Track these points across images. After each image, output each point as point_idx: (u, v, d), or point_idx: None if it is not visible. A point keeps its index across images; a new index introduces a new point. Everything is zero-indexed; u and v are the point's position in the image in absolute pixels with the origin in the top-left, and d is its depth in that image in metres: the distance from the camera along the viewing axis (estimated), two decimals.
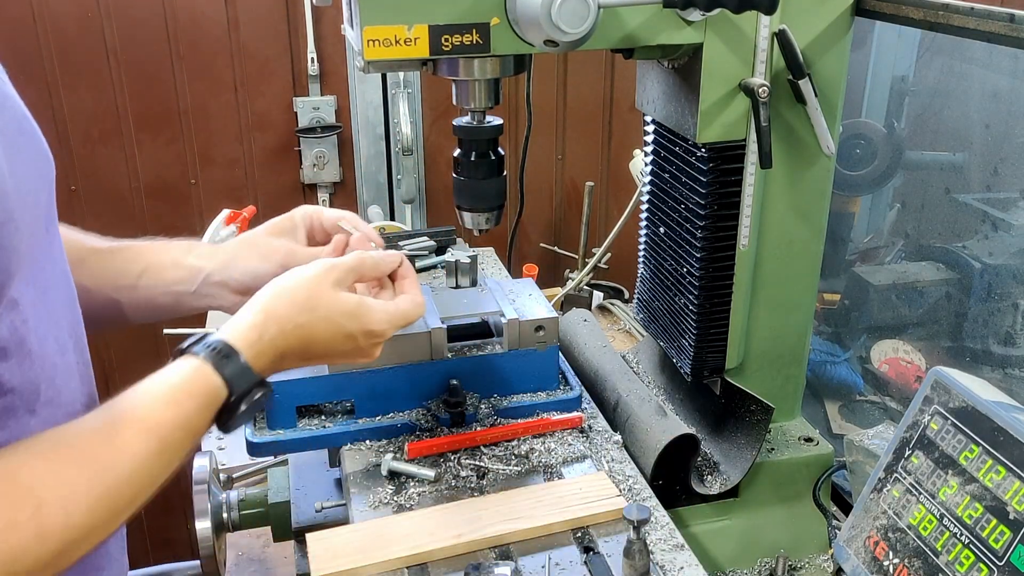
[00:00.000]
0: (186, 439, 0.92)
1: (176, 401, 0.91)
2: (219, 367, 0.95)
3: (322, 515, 1.45)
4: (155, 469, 0.89)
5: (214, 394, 0.94)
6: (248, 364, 0.97)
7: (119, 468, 0.85)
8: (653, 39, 1.27)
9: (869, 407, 1.99)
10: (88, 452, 0.84)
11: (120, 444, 0.86)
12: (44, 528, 0.77)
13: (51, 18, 2.62)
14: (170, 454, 0.90)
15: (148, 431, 0.88)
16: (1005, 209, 1.78)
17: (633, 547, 1.14)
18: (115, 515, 0.85)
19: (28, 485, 0.78)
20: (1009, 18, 1.17)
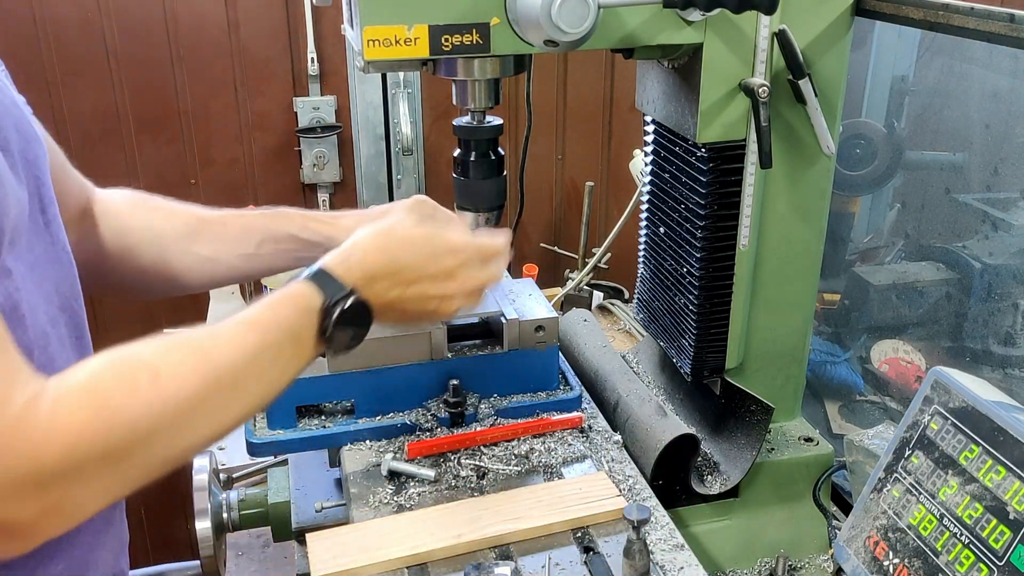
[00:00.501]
0: (286, 340, 0.99)
1: (274, 305, 1.00)
2: (310, 278, 1.03)
3: (322, 515, 1.45)
4: (257, 362, 0.96)
5: (308, 298, 1.01)
6: (337, 276, 1.04)
7: (224, 355, 0.93)
8: (653, 39, 1.27)
9: (869, 407, 1.99)
10: (195, 341, 0.93)
11: (224, 336, 0.95)
12: (162, 394, 0.86)
13: (51, 19, 2.62)
14: (272, 351, 0.97)
15: (248, 325, 0.97)
16: (1005, 209, 1.78)
17: (633, 547, 1.14)
18: (223, 400, 0.93)
19: (146, 360, 0.87)
20: (1009, 18, 1.17)
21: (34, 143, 1.01)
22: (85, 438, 0.81)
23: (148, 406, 0.85)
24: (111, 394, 0.84)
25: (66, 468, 0.80)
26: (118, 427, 0.83)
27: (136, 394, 0.85)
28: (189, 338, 0.93)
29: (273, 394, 1.00)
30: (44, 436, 0.79)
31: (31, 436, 0.79)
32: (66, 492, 0.82)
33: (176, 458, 0.91)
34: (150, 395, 0.86)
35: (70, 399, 0.82)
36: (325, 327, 1.01)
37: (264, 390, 0.99)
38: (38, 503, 0.80)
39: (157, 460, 0.88)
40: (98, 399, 0.83)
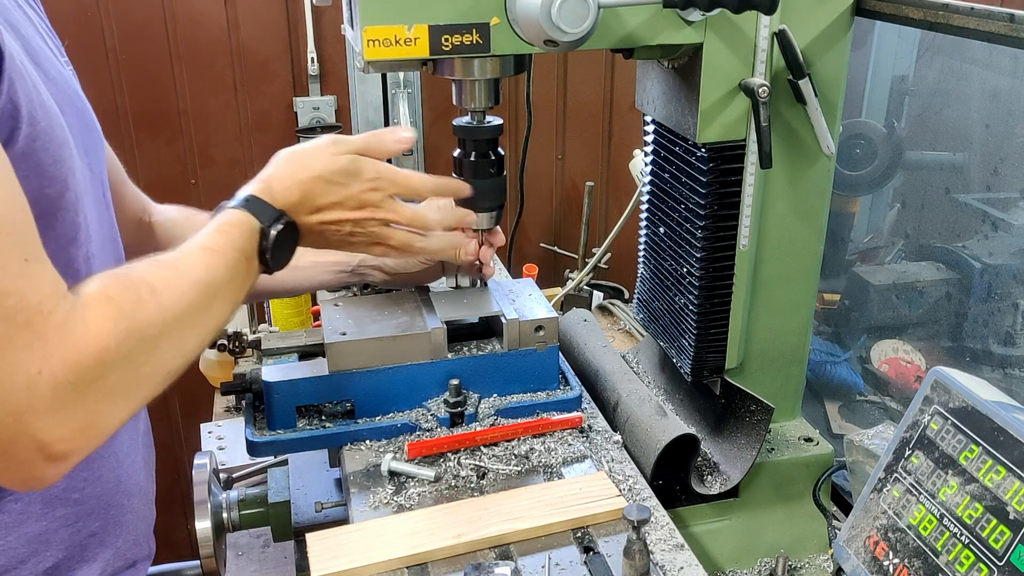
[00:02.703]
0: (240, 259, 1.09)
1: (223, 229, 1.09)
2: (243, 205, 1.13)
3: (322, 515, 1.45)
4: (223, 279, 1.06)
5: (249, 222, 1.11)
6: (267, 201, 1.14)
7: (198, 274, 1.02)
8: (653, 39, 1.27)
9: (869, 407, 1.99)
10: (173, 263, 1.02)
11: (192, 259, 1.04)
12: (162, 305, 0.95)
13: (50, 18, 2.61)
14: (232, 270, 1.07)
15: (210, 250, 1.06)
16: (1005, 209, 1.78)
17: (633, 547, 1.14)
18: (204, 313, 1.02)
19: (140, 277, 0.96)
20: (1009, 18, 1.17)
21: (94, 133, 1.12)
22: (112, 344, 0.88)
23: (153, 314, 0.94)
24: (123, 304, 0.91)
25: (97, 374, 0.87)
26: (134, 332, 0.91)
27: (142, 304, 0.93)
28: (165, 261, 1.02)
29: (234, 309, 1.11)
30: (81, 341, 0.86)
31: (72, 342, 0.85)
32: (97, 402, 0.88)
33: (174, 367, 0.99)
34: (153, 306, 0.94)
35: (95, 309, 0.89)
36: (264, 248, 1.11)
37: (229, 305, 1.09)
38: (74, 416, 0.86)
39: (162, 368, 0.96)
40: (115, 308, 0.90)
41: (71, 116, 1.05)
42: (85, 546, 1.10)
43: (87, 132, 1.12)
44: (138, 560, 1.20)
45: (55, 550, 1.07)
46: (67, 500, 1.08)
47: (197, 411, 2.14)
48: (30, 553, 1.05)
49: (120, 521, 1.15)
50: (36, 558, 1.05)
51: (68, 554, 1.08)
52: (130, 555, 1.18)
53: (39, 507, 1.05)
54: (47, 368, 0.83)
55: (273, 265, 1.13)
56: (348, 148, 1.20)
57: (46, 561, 1.06)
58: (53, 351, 0.84)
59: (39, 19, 1.15)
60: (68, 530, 1.08)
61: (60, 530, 1.07)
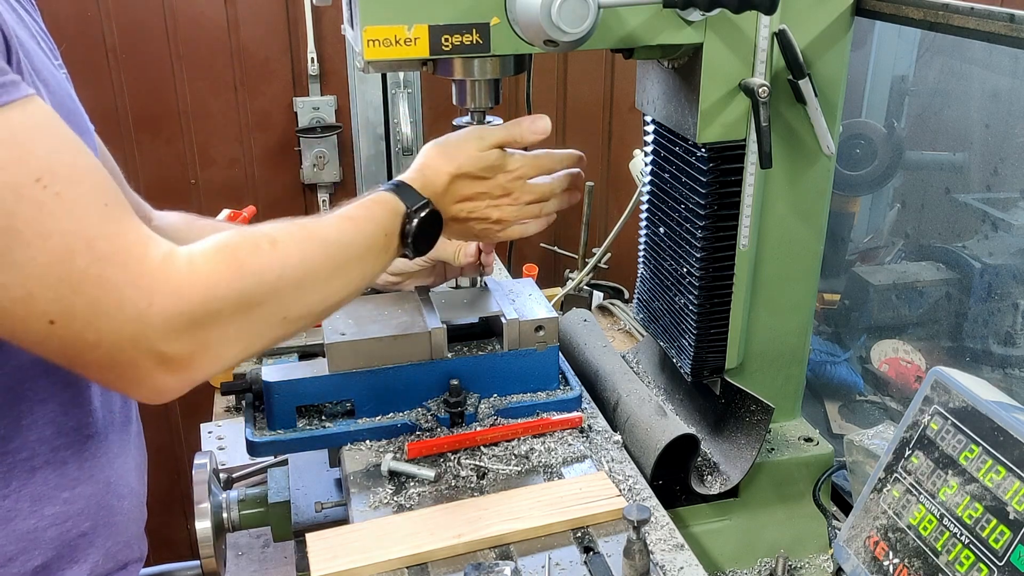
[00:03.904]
0: (378, 233, 1.13)
1: (366, 204, 1.15)
2: (393, 189, 1.19)
3: (322, 515, 1.45)
4: (355, 246, 1.11)
5: (394, 203, 1.17)
6: (416, 188, 1.20)
7: (328, 236, 1.08)
8: (653, 39, 1.27)
9: (869, 407, 1.99)
10: (303, 223, 1.07)
11: (327, 222, 1.10)
12: (281, 255, 1.00)
13: (50, 17, 2.61)
14: (367, 240, 1.12)
15: (347, 218, 1.12)
16: (1005, 209, 1.78)
17: (633, 547, 1.14)
18: (329, 273, 1.07)
19: (265, 231, 1.02)
20: (1009, 18, 1.17)
21: (86, 136, 1.11)
22: (222, 283, 0.93)
23: (271, 263, 0.98)
24: (238, 252, 0.96)
25: (208, 309, 0.91)
26: (249, 276, 0.96)
27: (259, 253, 0.98)
28: (298, 221, 1.07)
29: (366, 280, 1.15)
30: (187, 280, 0.90)
31: (176, 281, 0.89)
32: (211, 331, 0.92)
33: (295, 318, 1.03)
34: (271, 255, 0.99)
35: (204, 255, 0.94)
36: (407, 232, 1.16)
37: (360, 273, 1.12)
38: (190, 340, 0.90)
39: (279, 315, 1.00)
40: (228, 255, 0.95)
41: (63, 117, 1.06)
42: (75, 546, 1.10)
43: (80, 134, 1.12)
44: (129, 562, 1.20)
45: (44, 549, 1.07)
46: (56, 499, 1.08)
47: (197, 411, 2.14)
48: (18, 551, 1.04)
49: (110, 522, 1.15)
50: (24, 556, 1.05)
51: (58, 553, 1.08)
52: (121, 557, 1.18)
53: (28, 504, 1.05)
54: (156, 301, 0.87)
55: (414, 250, 1.17)
56: (493, 142, 1.25)
57: (35, 560, 1.06)
58: (158, 286, 0.88)
59: (33, 22, 1.15)
60: (57, 529, 1.08)
61: (49, 529, 1.07)
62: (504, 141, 1.26)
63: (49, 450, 1.06)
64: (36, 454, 1.05)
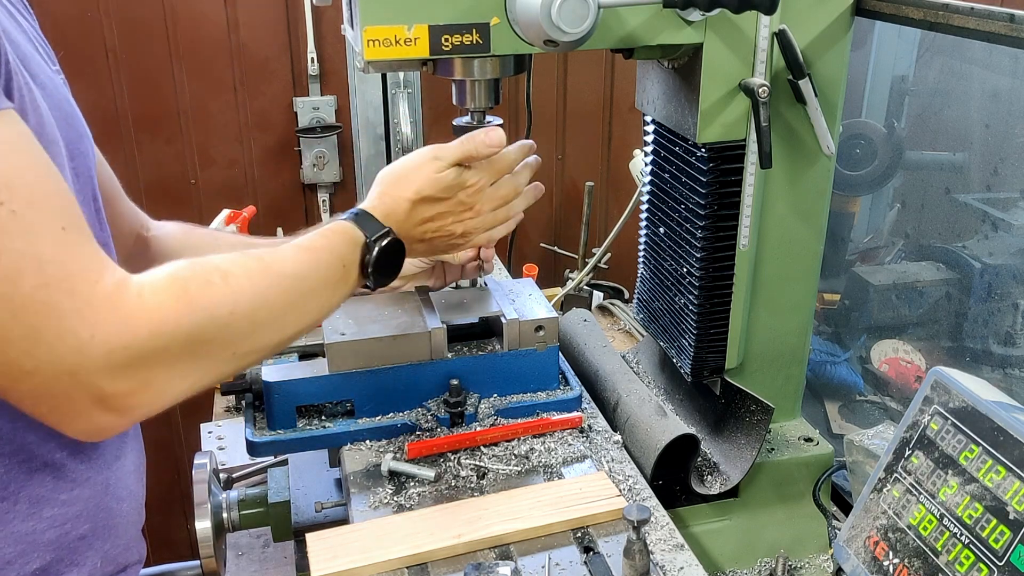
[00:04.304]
0: (336, 263, 1.11)
1: (325, 234, 1.13)
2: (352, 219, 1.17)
3: (322, 515, 1.45)
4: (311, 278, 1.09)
5: (353, 232, 1.15)
6: (376, 217, 1.18)
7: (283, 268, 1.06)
8: (653, 39, 1.27)
9: (869, 407, 1.99)
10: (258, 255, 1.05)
11: (282, 254, 1.08)
12: (233, 290, 0.97)
13: (50, 17, 2.62)
14: (324, 272, 1.10)
15: (303, 248, 1.10)
16: (1005, 209, 1.78)
17: (633, 547, 1.14)
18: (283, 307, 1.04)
19: (217, 264, 0.99)
20: (1009, 18, 1.17)
21: (84, 139, 1.11)
22: (170, 319, 0.90)
23: (223, 298, 0.96)
24: (189, 286, 0.94)
25: (155, 345, 0.89)
26: (198, 312, 0.93)
27: (211, 287, 0.96)
28: (253, 254, 1.05)
29: (323, 313, 1.13)
30: (135, 312, 0.88)
31: (123, 312, 0.87)
32: (155, 370, 0.90)
33: (244, 354, 1.01)
34: (223, 290, 0.97)
35: (155, 287, 0.92)
36: (367, 262, 1.14)
37: (316, 306, 1.10)
38: (131, 378, 0.88)
39: (228, 351, 0.99)
40: (179, 288, 0.93)
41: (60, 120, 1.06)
42: (74, 549, 1.10)
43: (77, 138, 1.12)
44: (128, 565, 1.20)
45: (42, 552, 1.07)
46: (55, 501, 1.07)
47: (197, 411, 2.14)
48: (17, 554, 1.04)
49: (109, 524, 1.15)
50: (23, 559, 1.05)
51: (56, 556, 1.08)
52: (120, 560, 1.18)
53: (26, 506, 1.05)
54: (99, 333, 0.85)
55: (375, 280, 1.16)
56: (449, 161, 1.23)
57: (33, 563, 1.06)
58: (104, 317, 0.86)
59: (31, 27, 1.15)
60: (56, 532, 1.08)
61: (48, 531, 1.07)
62: (459, 159, 1.24)
63: (47, 452, 1.06)
64: (34, 456, 1.05)
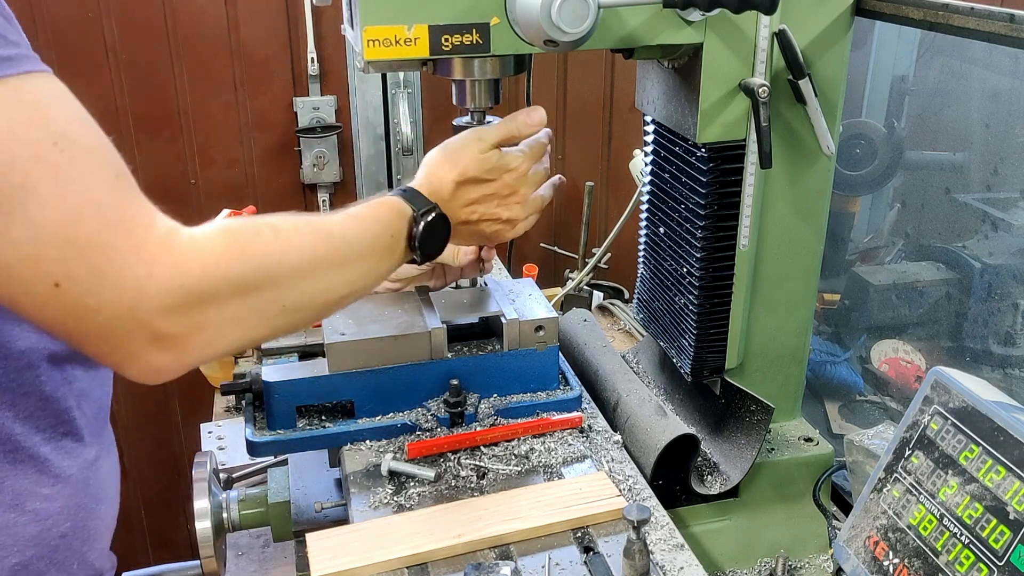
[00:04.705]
0: (383, 233, 1.14)
1: (373, 205, 1.16)
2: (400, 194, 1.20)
3: (322, 515, 1.45)
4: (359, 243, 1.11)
5: (401, 206, 1.17)
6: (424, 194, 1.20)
7: (332, 230, 1.08)
8: (653, 39, 1.27)
9: (869, 407, 1.99)
10: (308, 217, 1.07)
11: (332, 218, 1.11)
12: (282, 243, 1.00)
13: (50, 17, 2.62)
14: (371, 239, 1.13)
15: (352, 216, 1.12)
16: (1005, 209, 1.78)
17: (633, 547, 1.14)
18: (332, 266, 1.07)
19: (268, 220, 1.02)
20: (1009, 18, 1.17)
21: None
22: (222, 264, 0.93)
23: (272, 249, 0.99)
24: (240, 235, 0.97)
25: (207, 288, 0.92)
26: (248, 259, 0.96)
27: (261, 238, 0.99)
28: (303, 215, 1.07)
29: (370, 279, 1.15)
30: (187, 256, 0.91)
31: (177, 255, 0.90)
32: (208, 312, 0.93)
33: (293, 308, 1.03)
34: (273, 242, 1.00)
35: (205, 235, 0.94)
36: (413, 234, 1.16)
37: (363, 271, 1.12)
38: (186, 318, 0.91)
39: (278, 303, 1.00)
40: (230, 237, 0.96)
41: None
42: (55, 548, 1.10)
43: None
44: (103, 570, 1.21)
45: (23, 547, 1.07)
46: (37, 495, 1.08)
47: (197, 411, 2.14)
48: None
49: (88, 527, 1.15)
50: (3, 552, 1.05)
51: (37, 553, 1.08)
52: (97, 565, 1.19)
53: (9, 497, 1.05)
54: (155, 271, 0.88)
55: (422, 253, 1.18)
56: (492, 142, 1.26)
57: (13, 556, 1.06)
58: (159, 258, 0.89)
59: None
60: (38, 527, 1.08)
61: (29, 525, 1.07)
62: (503, 139, 1.27)
63: (32, 445, 1.06)
64: (19, 447, 1.05)
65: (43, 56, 0.94)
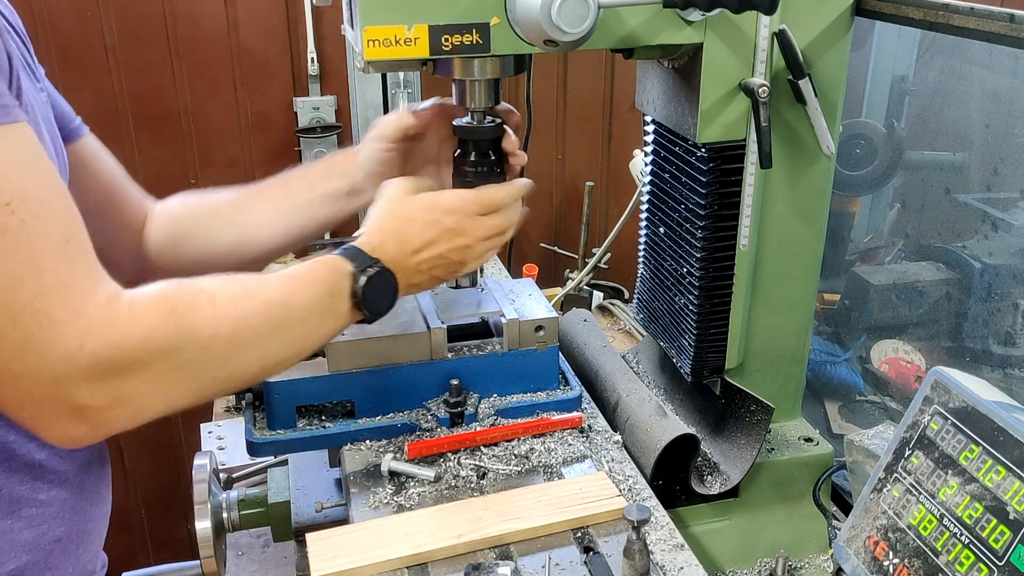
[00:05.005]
0: (323, 293, 1.12)
1: (311, 265, 1.13)
2: (340, 252, 1.17)
3: (322, 515, 1.45)
4: (297, 307, 1.09)
5: (340, 264, 1.15)
6: (364, 251, 1.17)
7: (268, 295, 1.06)
8: (653, 39, 1.27)
9: (869, 407, 1.99)
10: (243, 281, 1.06)
11: (268, 281, 1.08)
12: (218, 313, 0.99)
13: (50, 17, 2.62)
14: (310, 301, 1.10)
15: (289, 277, 1.10)
16: (1005, 209, 1.78)
17: (633, 547, 1.14)
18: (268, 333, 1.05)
19: (204, 286, 1.00)
20: (1009, 18, 1.17)
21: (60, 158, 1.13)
22: (158, 334, 0.92)
23: (207, 319, 0.98)
24: (177, 304, 0.96)
25: (140, 359, 0.91)
26: (184, 331, 0.95)
27: (198, 308, 0.97)
28: (236, 278, 1.06)
29: (310, 343, 1.13)
30: (125, 326, 0.90)
31: (114, 324, 0.89)
32: (137, 384, 0.92)
33: (225, 378, 1.02)
34: (209, 312, 0.98)
35: (145, 302, 0.94)
36: (355, 291, 1.14)
37: (301, 335, 1.10)
38: (110, 391, 0.90)
39: (209, 374, 1.00)
40: (167, 305, 0.95)
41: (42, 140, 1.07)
42: (50, 552, 1.11)
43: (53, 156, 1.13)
44: (94, 571, 1.21)
45: (19, 552, 1.07)
46: (33, 500, 1.08)
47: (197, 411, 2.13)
48: None
49: (82, 530, 1.16)
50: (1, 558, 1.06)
51: (33, 558, 1.09)
52: (89, 567, 1.19)
53: (6, 504, 1.05)
54: (88, 344, 0.87)
55: (369, 311, 1.16)
56: (419, 187, 1.26)
57: (9, 563, 1.06)
58: (95, 329, 0.88)
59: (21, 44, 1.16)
60: (33, 532, 1.08)
61: (25, 531, 1.07)
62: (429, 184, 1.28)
63: (27, 452, 1.07)
64: (15, 455, 1.06)
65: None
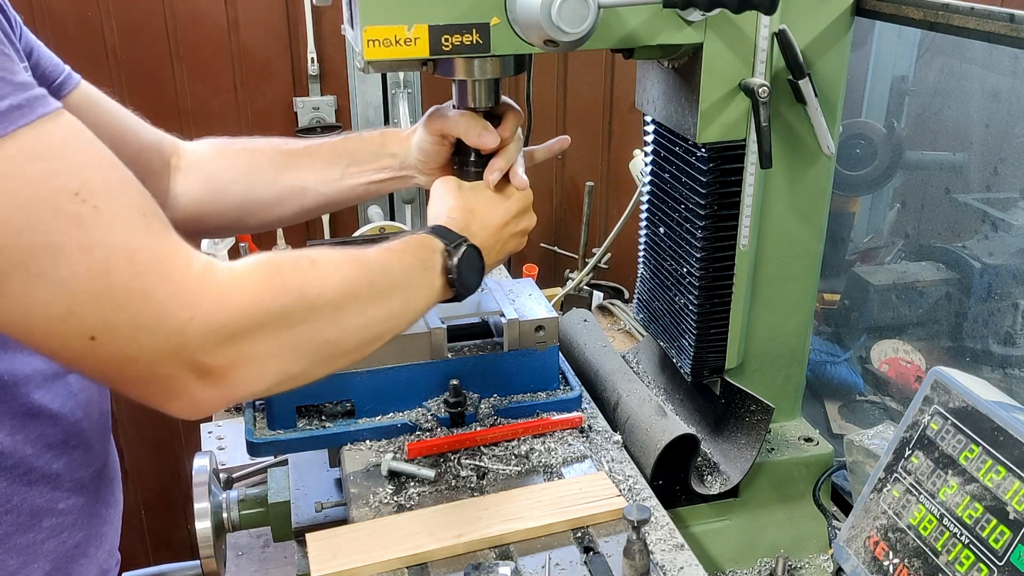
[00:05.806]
0: (418, 266, 1.13)
1: (405, 240, 1.15)
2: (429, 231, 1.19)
3: (322, 515, 1.45)
4: (396, 276, 1.10)
5: (432, 241, 1.16)
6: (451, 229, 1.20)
7: (369, 263, 1.07)
8: (653, 39, 1.27)
9: (869, 407, 1.99)
10: (345, 249, 1.06)
11: (368, 251, 1.09)
12: (321, 275, 0.99)
13: (50, 17, 2.62)
14: (408, 272, 1.12)
15: (387, 250, 1.11)
16: (1005, 209, 1.78)
17: (633, 547, 1.14)
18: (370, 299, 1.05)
19: (306, 252, 1.01)
20: (1009, 18, 1.17)
21: None
22: (263, 297, 0.91)
23: (311, 280, 0.98)
24: (279, 268, 0.95)
25: (249, 322, 0.90)
26: (290, 291, 0.94)
27: (300, 271, 0.97)
28: (334, 247, 1.06)
29: (409, 313, 1.12)
30: (228, 291, 0.89)
31: (217, 293, 0.88)
32: (251, 345, 0.90)
33: (334, 341, 1.01)
34: (312, 274, 0.98)
35: (245, 269, 0.93)
36: (448, 267, 1.15)
37: (401, 302, 1.10)
38: (230, 352, 0.89)
39: (318, 336, 0.98)
40: (269, 270, 0.94)
41: None
42: (70, 558, 1.11)
43: None
44: (109, 569, 1.21)
45: (42, 562, 1.07)
46: (53, 510, 1.08)
47: None
48: (19, 566, 1.05)
49: (100, 532, 1.16)
50: (24, 571, 1.05)
51: (55, 566, 1.09)
52: (105, 566, 1.19)
53: (27, 518, 1.05)
54: (198, 313, 0.86)
55: (460, 287, 1.16)
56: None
57: (34, 574, 1.06)
58: (200, 298, 0.86)
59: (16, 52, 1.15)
60: (54, 541, 1.08)
61: (47, 541, 1.07)
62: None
63: (44, 463, 1.06)
64: (33, 468, 1.05)
65: None
